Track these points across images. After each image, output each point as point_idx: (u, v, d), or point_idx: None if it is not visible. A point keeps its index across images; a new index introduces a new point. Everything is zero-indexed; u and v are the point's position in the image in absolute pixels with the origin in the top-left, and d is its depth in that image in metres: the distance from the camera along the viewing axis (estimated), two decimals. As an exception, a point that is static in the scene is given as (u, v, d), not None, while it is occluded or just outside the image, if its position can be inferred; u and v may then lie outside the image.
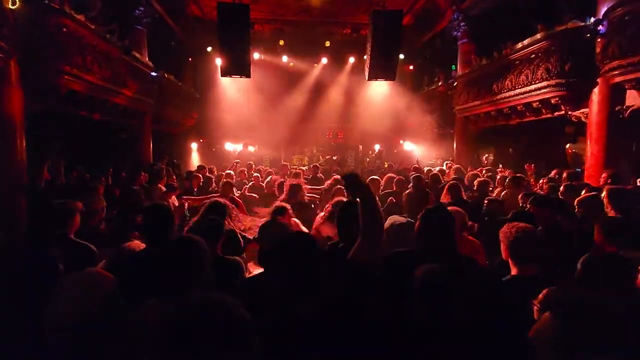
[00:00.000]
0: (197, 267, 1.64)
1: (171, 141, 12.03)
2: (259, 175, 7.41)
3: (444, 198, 4.48)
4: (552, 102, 7.03)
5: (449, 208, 2.59)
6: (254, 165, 9.55)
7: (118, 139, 9.32)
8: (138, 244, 2.41)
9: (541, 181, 5.39)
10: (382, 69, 8.76)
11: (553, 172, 5.73)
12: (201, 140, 13.32)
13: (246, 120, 13.54)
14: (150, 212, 2.24)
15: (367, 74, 9.03)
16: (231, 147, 13.36)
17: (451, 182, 4.87)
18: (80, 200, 2.77)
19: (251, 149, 13.29)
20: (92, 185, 4.20)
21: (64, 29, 5.66)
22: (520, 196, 3.95)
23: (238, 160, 8.43)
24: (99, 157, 7.78)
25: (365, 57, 9.98)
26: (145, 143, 9.71)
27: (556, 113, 7.25)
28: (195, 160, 12.28)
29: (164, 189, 5.51)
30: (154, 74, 9.53)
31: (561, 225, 2.95)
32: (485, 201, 3.94)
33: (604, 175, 4.40)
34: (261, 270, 2.07)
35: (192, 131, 12.98)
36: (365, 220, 1.69)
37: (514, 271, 2.08)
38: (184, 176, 7.60)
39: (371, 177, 5.27)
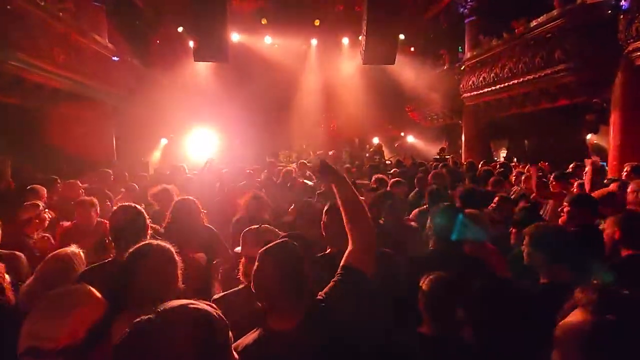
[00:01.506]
0: (170, 277, 1.63)
1: (137, 136, 11.89)
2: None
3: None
4: (570, 86, 7.14)
5: (467, 211, 2.64)
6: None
7: (75, 133, 9.18)
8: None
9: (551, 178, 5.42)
10: (380, 52, 8.80)
11: (571, 166, 5.78)
12: (171, 135, 13.21)
13: (225, 111, 13.45)
14: (119, 214, 2.21)
15: (362, 57, 9.06)
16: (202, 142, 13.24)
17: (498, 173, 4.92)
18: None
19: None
20: (31, 189, 4.11)
21: (8, 6, 5.57)
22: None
23: (213, 158, 8.41)
24: (54, 155, 7.66)
25: (360, 37, 10.00)
26: (107, 138, 9.60)
27: (575, 99, 7.37)
28: (157, 158, 12.15)
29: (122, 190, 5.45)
30: (115, 58, 9.40)
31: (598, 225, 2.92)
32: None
33: (626, 168, 4.47)
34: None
35: (161, 124, 12.85)
36: (348, 216, 1.61)
37: (544, 278, 2.09)
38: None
39: (396, 180, 4.48)
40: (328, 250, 2.24)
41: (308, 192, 5.37)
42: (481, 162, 7.94)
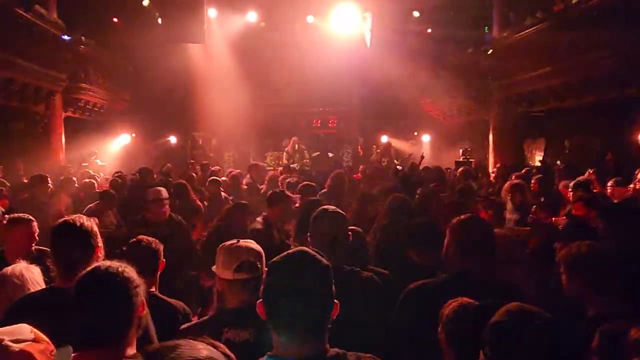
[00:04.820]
0: (122, 312, 1.61)
1: (92, 133, 11.85)
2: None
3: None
4: (620, 75, 7.19)
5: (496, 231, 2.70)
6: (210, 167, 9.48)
7: (13, 129, 9.13)
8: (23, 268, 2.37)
9: (610, 183, 5.45)
10: (390, 32, 8.83)
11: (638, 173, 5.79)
12: (133, 135, 13.17)
13: (199, 103, 13.43)
14: (60, 230, 2.20)
15: (368, 38, 9.10)
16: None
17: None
18: None
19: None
20: None
21: None
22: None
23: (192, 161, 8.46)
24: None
25: (366, 14, 10.10)
26: (55, 136, 9.56)
27: (626, 91, 7.40)
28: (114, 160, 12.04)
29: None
30: (66, 37, 9.38)
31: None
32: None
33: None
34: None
35: (123, 119, 12.82)
36: None
37: (592, 309, 2.13)
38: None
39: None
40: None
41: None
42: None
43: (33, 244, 3.02)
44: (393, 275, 2.66)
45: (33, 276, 2.34)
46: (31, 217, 3.10)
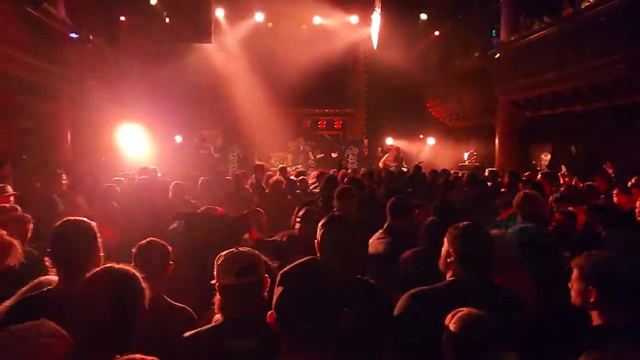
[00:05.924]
0: (125, 315, 1.63)
1: (100, 131, 11.88)
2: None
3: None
4: (629, 82, 7.14)
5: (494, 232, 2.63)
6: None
7: (20, 127, 9.16)
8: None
9: (615, 191, 5.44)
10: (397, 34, 8.84)
11: (633, 180, 5.78)
12: (138, 133, 13.19)
13: (206, 102, 13.46)
14: (64, 231, 2.19)
15: (375, 40, 9.10)
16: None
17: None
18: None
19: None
20: None
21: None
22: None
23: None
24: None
25: (373, 16, 10.09)
26: (62, 134, 9.59)
27: (635, 98, 7.36)
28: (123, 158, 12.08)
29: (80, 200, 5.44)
30: (74, 35, 9.41)
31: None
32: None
33: None
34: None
35: (129, 118, 12.85)
36: None
37: (598, 319, 2.11)
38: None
39: None
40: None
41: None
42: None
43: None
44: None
45: None
46: (29, 217, 3.10)
